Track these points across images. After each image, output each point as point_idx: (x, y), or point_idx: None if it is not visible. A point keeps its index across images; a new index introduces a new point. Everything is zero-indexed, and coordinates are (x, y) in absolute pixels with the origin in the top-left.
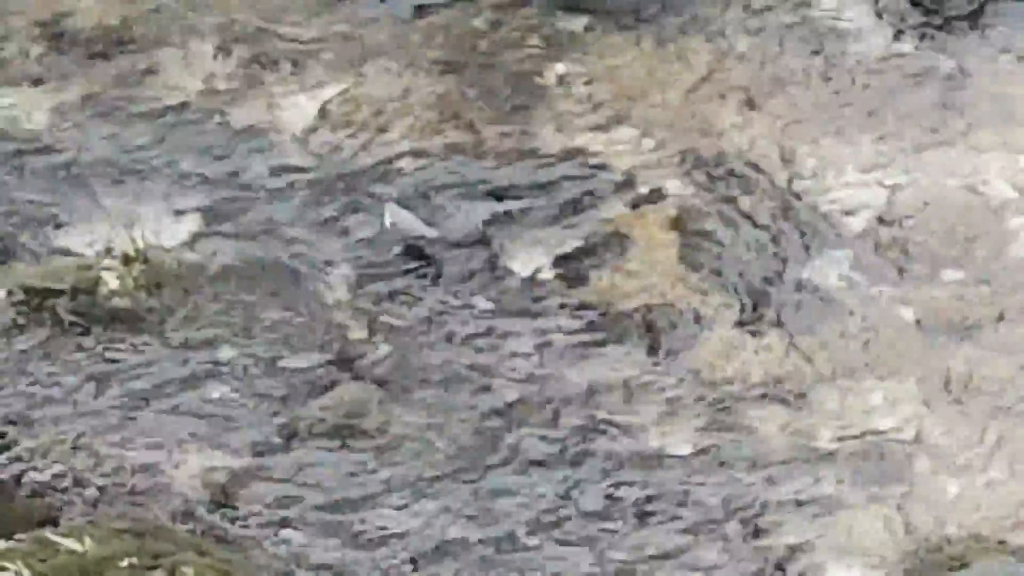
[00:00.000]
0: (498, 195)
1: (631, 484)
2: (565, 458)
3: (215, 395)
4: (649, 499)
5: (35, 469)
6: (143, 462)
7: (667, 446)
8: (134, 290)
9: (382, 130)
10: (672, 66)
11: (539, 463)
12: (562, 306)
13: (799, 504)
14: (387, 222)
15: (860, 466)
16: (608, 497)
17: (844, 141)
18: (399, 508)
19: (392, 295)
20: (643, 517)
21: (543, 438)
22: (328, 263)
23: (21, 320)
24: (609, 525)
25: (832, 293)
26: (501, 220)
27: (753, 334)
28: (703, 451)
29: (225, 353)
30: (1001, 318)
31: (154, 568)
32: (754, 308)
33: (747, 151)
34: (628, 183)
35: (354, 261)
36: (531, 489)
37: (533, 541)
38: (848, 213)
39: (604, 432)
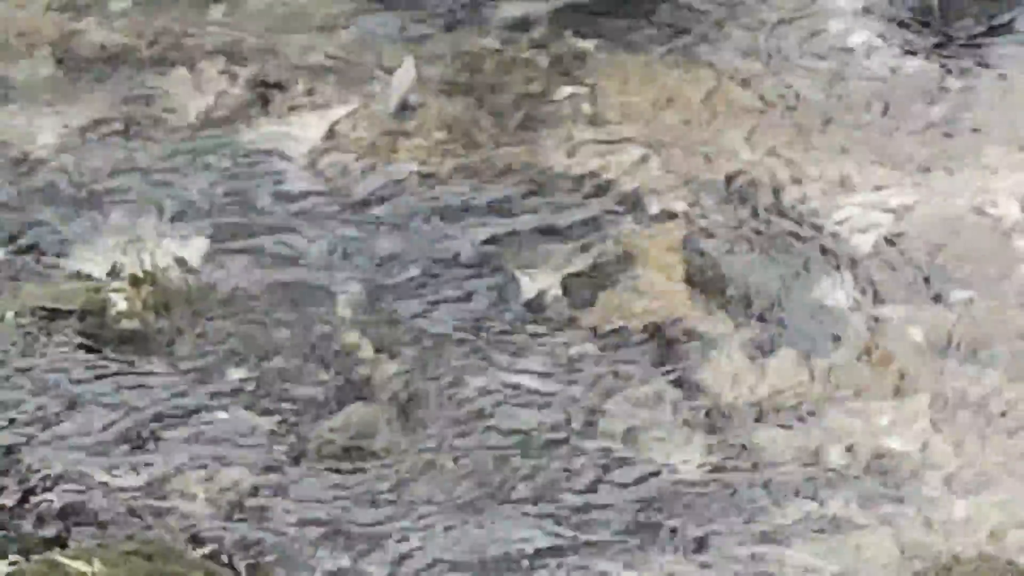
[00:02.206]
0: (506, 215)
1: (641, 504)
2: (575, 477)
3: (224, 416)
4: (658, 519)
5: (44, 490)
6: (152, 483)
7: (676, 466)
8: (143, 312)
9: (390, 150)
10: (680, 87)
11: (549, 485)
12: (570, 326)
13: (808, 524)
14: (394, 98)
15: (869, 486)
16: (617, 514)
17: (852, 161)
18: (408, 529)
19: (401, 316)
20: (653, 536)
21: (552, 459)
22: (337, 284)
23: (30, 341)
24: (619, 546)
25: (840, 313)
26: (509, 240)
27: (761, 354)
28: (711, 471)
29: (234, 374)
30: (1010, 338)
31: None
32: (762, 328)
33: (755, 171)
34: (636, 203)
35: (363, 282)
36: (539, 510)
37: (539, 563)
38: (856, 233)
39: (613, 453)
